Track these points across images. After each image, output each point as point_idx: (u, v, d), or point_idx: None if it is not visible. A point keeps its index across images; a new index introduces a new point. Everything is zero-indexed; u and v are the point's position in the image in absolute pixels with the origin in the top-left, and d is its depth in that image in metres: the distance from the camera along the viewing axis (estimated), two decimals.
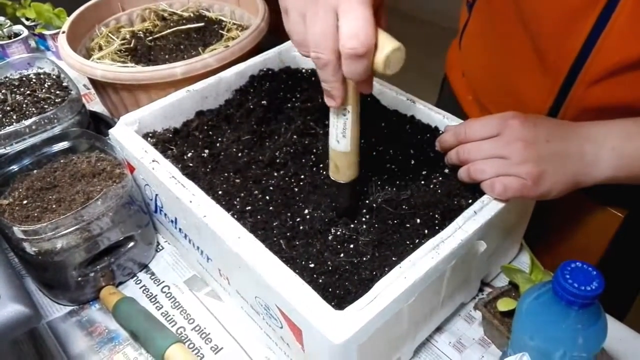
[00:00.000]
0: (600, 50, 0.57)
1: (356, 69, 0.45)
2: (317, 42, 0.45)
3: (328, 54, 0.45)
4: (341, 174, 0.57)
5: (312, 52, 0.46)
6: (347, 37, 0.43)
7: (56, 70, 0.85)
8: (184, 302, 0.68)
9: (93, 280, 0.66)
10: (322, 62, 0.46)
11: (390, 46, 0.45)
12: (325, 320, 0.47)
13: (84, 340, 0.64)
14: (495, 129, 0.57)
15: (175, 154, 0.68)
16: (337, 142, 0.54)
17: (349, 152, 0.55)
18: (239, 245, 0.53)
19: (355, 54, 0.44)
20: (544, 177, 0.55)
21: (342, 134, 0.53)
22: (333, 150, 0.55)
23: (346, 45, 0.43)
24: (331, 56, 0.45)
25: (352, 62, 0.44)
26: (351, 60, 0.44)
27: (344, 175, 0.57)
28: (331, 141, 0.55)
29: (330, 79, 0.47)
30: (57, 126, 0.74)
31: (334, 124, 0.53)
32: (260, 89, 0.77)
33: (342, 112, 0.52)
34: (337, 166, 0.56)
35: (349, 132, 0.53)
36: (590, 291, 0.42)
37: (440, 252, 0.52)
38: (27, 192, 0.65)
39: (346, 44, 0.43)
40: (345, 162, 0.56)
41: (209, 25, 0.99)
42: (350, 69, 0.45)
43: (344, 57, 0.44)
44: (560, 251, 0.76)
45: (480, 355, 0.61)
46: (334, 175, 0.58)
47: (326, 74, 0.47)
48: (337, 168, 0.56)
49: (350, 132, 0.53)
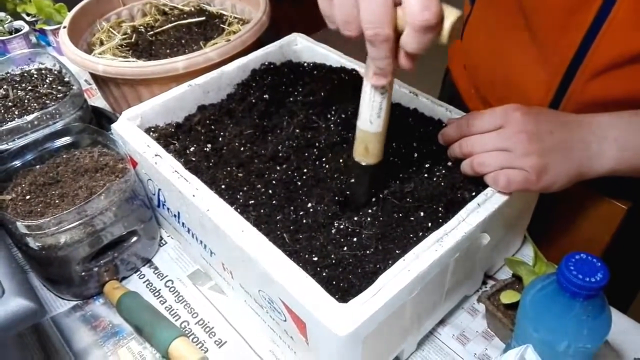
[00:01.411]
0: (600, 43, 0.57)
1: (424, 41, 0.44)
2: (375, 17, 0.44)
3: (388, 29, 0.44)
4: (370, 156, 0.57)
5: (369, 29, 0.44)
6: (419, 9, 0.42)
7: (57, 66, 0.85)
8: (188, 296, 0.68)
9: (97, 275, 0.66)
10: (381, 38, 0.44)
11: (454, 14, 0.44)
12: (329, 313, 0.47)
13: (88, 335, 0.64)
14: (498, 122, 0.57)
15: (178, 148, 0.68)
16: (370, 123, 0.54)
17: (380, 132, 0.55)
18: (242, 239, 0.53)
19: (429, 26, 0.42)
20: (547, 170, 0.55)
21: (378, 114, 0.53)
22: (365, 131, 0.55)
23: (418, 17, 0.42)
24: (391, 31, 0.44)
25: (422, 34, 0.43)
26: (422, 32, 0.43)
27: (374, 157, 0.57)
28: (362, 123, 0.55)
29: (387, 55, 0.46)
30: (59, 121, 0.74)
31: (369, 105, 0.53)
32: (262, 83, 0.77)
33: (381, 91, 0.51)
34: (367, 148, 0.56)
35: (384, 111, 0.53)
36: (595, 282, 0.42)
37: (443, 244, 0.52)
38: (30, 187, 0.65)
39: (418, 16, 0.42)
40: (377, 142, 0.56)
41: (210, 19, 0.98)
42: (419, 41, 0.44)
43: (414, 29, 0.43)
44: (564, 243, 0.76)
45: (483, 347, 0.61)
46: (362, 158, 0.57)
47: (383, 51, 0.46)
48: (367, 150, 0.56)
49: (384, 112, 0.53)
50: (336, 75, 0.78)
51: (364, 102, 0.53)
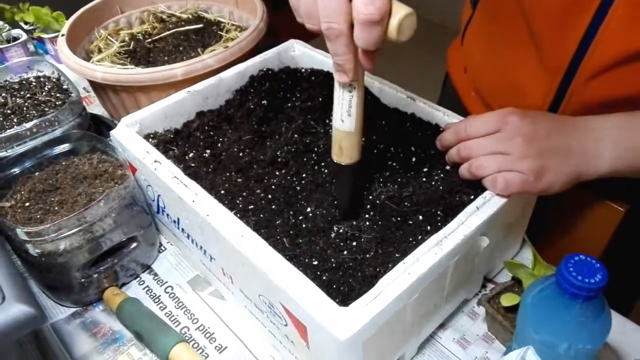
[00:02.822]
0: (598, 43, 0.57)
1: (371, 37, 0.44)
2: (329, 12, 0.44)
3: (341, 24, 0.44)
4: (345, 156, 0.56)
5: (323, 23, 0.45)
6: (362, 3, 0.43)
7: (56, 73, 0.85)
8: (188, 302, 0.68)
9: (96, 282, 0.66)
10: (335, 32, 0.45)
11: (403, 11, 0.44)
12: (330, 316, 0.47)
13: (88, 342, 0.64)
14: (495, 125, 0.58)
15: (177, 154, 0.68)
16: (342, 122, 0.54)
17: (353, 132, 0.54)
18: (242, 244, 0.54)
19: (371, 20, 0.43)
20: (545, 172, 0.55)
21: (348, 113, 0.53)
22: (337, 130, 0.55)
23: (362, 11, 0.43)
24: (344, 25, 0.44)
25: (367, 29, 0.44)
26: (366, 27, 0.43)
27: (348, 157, 0.56)
28: (335, 122, 0.54)
29: (343, 51, 0.46)
30: (57, 129, 0.74)
31: (339, 103, 0.53)
32: (260, 89, 0.77)
33: (348, 89, 0.51)
34: (342, 147, 0.56)
35: (355, 110, 0.53)
36: (594, 284, 0.42)
37: (443, 248, 0.52)
38: (29, 194, 0.65)
39: (362, 10, 0.43)
40: (350, 142, 0.55)
41: (207, 26, 0.99)
42: (365, 36, 0.44)
43: (358, 24, 0.44)
44: (562, 246, 0.77)
45: (484, 351, 0.61)
46: (338, 158, 0.57)
47: (339, 46, 0.46)
48: (342, 149, 0.56)
49: (355, 110, 0.53)
50: (333, 80, 0.78)
51: (335, 100, 0.53)
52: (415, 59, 2.60)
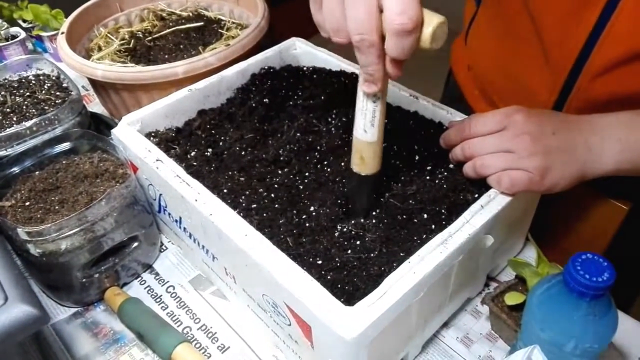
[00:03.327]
0: (604, 41, 0.57)
1: (404, 46, 0.44)
2: (360, 24, 0.44)
3: (374, 35, 0.44)
4: (366, 166, 0.56)
5: (355, 35, 0.45)
6: (395, 13, 0.42)
7: (55, 72, 0.85)
8: (190, 301, 0.67)
9: (97, 282, 0.66)
10: (367, 43, 0.45)
11: (436, 20, 0.44)
12: (336, 316, 0.46)
13: (89, 342, 0.64)
14: (500, 124, 0.57)
15: (179, 153, 0.68)
16: (365, 132, 0.53)
17: (375, 142, 0.54)
18: (246, 243, 0.53)
19: (405, 30, 0.43)
20: (551, 170, 0.55)
21: (371, 123, 0.52)
22: (359, 140, 0.54)
23: (395, 21, 0.43)
24: (376, 36, 0.44)
25: (401, 39, 0.43)
26: (400, 37, 0.43)
27: (370, 167, 0.56)
28: (357, 132, 0.54)
29: (375, 62, 0.46)
30: (58, 127, 0.73)
31: (362, 113, 0.52)
32: (262, 87, 0.77)
33: (372, 99, 0.51)
34: (363, 157, 0.55)
35: (378, 120, 0.52)
36: (602, 282, 0.42)
37: (448, 246, 0.52)
38: (29, 193, 0.64)
39: (395, 20, 0.43)
40: (372, 152, 0.55)
41: (208, 24, 0.98)
42: (399, 46, 0.44)
43: (392, 34, 0.43)
44: (565, 244, 0.77)
45: (487, 349, 0.61)
46: (359, 168, 0.56)
47: (371, 57, 0.46)
48: (363, 159, 0.55)
49: (378, 121, 0.52)
50: (336, 78, 0.78)
51: (358, 110, 0.53)
52: (418, 56, 2.59)
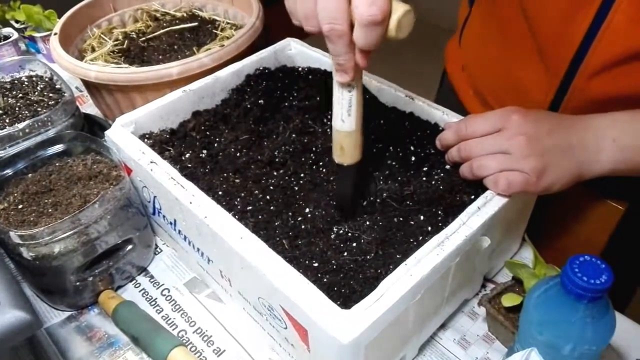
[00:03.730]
0: (600, 41, 0.57)
1: (372, 37, 0.44)
2: (330, 13, 0.44)
3: (344, 24, 0.44)
4: (347, 156, 0.56)
5: (325, 24, 0.45)
6: (365, 4, 0.42)
7: (48, 73, 0.84)
8: (185, 304, 0.67)
9: (91, 285, 0.65)
10: (337, 33, 0.45)
11: (401, 9, 0.44)
12: (332, 319, 0.46)
13: (83, 346, 0.63)
14: (496, 125, 0.57)
15: (173, 155, 0.67)
16: (342, 122, 0.53)
17: (354, 131, 0.54)
18: (241, 246, 0.53)
19: (375, 21, 0.43)
20: (547, 171, 0.55)
21: (348, 112, 0.53)
22: (338, 131, 0.55)
23: (364, 12, 0.42)
24: (346, 26, 0.44)
25: (370, 30, 0.43)
26: (369, 28, 0.43)
27: (350, 157, 0.56)
28: (335, 122, 0.54)
29: (345, 51, 0.46)
30: (51, 129, 0.73)
31: (338, 103, 0.53)
32: (257, 88, 0.77)
33: (347, 89, 0.51)
34: (343, 147, 0.55)
35: (354, 109, 0.52)
36: (600, 284, 0.42)
37: (445, 248, 0.51)
38: (22, 196, 0.64)
39: (364, 11, 0.42)
40: (351, 141, 0.55)
41: (202, 25, 0.98)
42: (367, 36, 0.44)
43: (361, 25, 0.43)
44: (561, 245, 0.76)
45: (485, 351, 0.61)
46: (340, 159, 0.57)
47: (341, 46, 0.46)
48: (343, 149, 0.56)
49: (355, 110, 0.52)
50: (331, 79, 0.77)
51: (334, 100, 0.53)
52: (413, 57, 2.60)
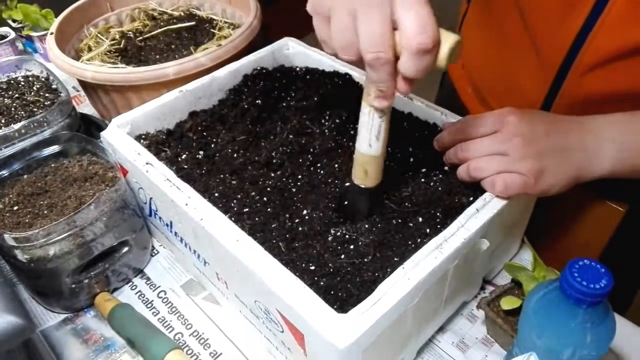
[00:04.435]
0: (594, 38, 0.56)
1: (422, 65, 0.43)
2: (374, 41, 0.43)
3: (389, 52, 0.43)
4: (370, 179, 0.56)
5: (369, 53, 0.44)
6: (414, 32, 0.41)
7: (45, 73, 0.83)
8: (181, 307, 0.66)
9: (87, 287, 0.64)
10: (382, 61, 0.44)
11: (452, 38, 0.43)
12: (329, 324, 0.45)
13: (79, 349, 0.63)
14: (493, 126, 0.57)
15: (169, 155, 0.67)
16: (370, 146, 0.53)
17: (379, 156, 0.54)
18: (237, 249, 0.52)
19: (425, 49, 0.42)
20: (545, 173, 0.54)
21: (377, 137, 0.52)
22: (364, 155, 0.54)
23: (414, 40, 0.42)
24: (392, 54, 0.43)
25: (420, 58, 0.43)
26: (419, 56, 0.42)
27: (373, 180, 0.56)
28: (361, 146, 0.53)
29: (389, 78, 0.45)
30: (47, 129, 0.72)
31: (367, 128, 0.52)
32: (254, 88, 0.76)
33: (379, 114, 0.50)
34: (367, 171, 0.55)
35: (383, 134, 0.52)
36: (600, 289, 0.41)
37: (443, 251, 0.51)
38: (17, 197, 0.63)
39: (414, 39, 0.41)
40: (376, 166, 0.55)
41: (200, 24, 0.97)
42: (417, 65, 0.43)
43: (410, 53, 0.42)
44: (561, 247, 0.76)
45: (483, 354, 0.61)
46: (362, 181, 0.56)
47: (384, 74, 0.45)
48: (366, 173, 0.55)
49: (383, 135, 0.52)
50: (329, 79, 0.77)
51: (362, 125, 0.52)
52: None
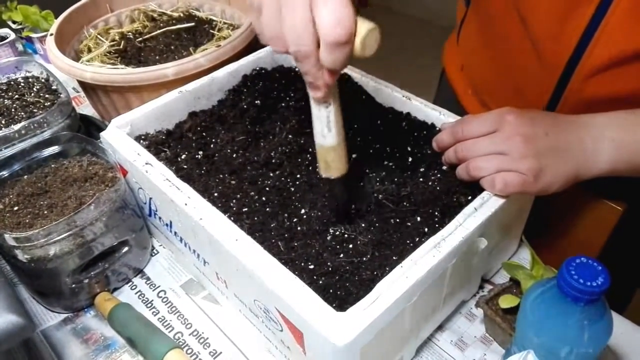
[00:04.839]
0: (597, 42, 0.57)
1: (340, 57, 0.43)
2: (296, 34, 0.43)
3: (310, 45, 0.43)
4: (333, 169, 0.55)
5: (291, 45, 0.44)
6: (330, 25, 0.42)
7: (45, 74, 0.84)
8: (181, 306, 0.67)
9: (87, 287, 0.65)
10: (303, 54, 0.44)
11: (365, 28, 0.43)
12: (328, 322, 0.46)
13: (79, 349, 0.63)
14: (492, 125, 0.57)
15: (169, 156, 0.67)
16: (324, 137, 0.53)
17: (336, 145, 0.53)
18: (236, 248, 0.52)
19: (340, 42, 0.42)
20: (544, 172, 0.54)
21: (327, 128, 0.52)
22: (321, 146, 0.54)
23: (329, 33, 0.42)
24: (313, 46, 0.44)
25: (336, 50, 0.43)
26: (335, 48, 0.43)
27: (336, 170, 0.55)
28: (317, 138, 0.53)
29: (314, 70, 0.46)
30: (47, 130, 0.72)
31: (318, 119, 0.52)
32: (254, 88, 0.76)
33: (324, 105, 0.50)
34: (327, 162, 0.55)
35: (334, 123, 0.52)
36: (597, 287, 0.41)
37: (441, 250, 0.51)
38: (17, 198, 0.63)
39: (330, 32, 0.42)
40: (335, 156, 0.54)
41: (199, 25, 0.97)
42: (334, 57, 0.43)
43: (327, 46, 0.43)
44: (560, 246, 0.76)
45: (482, 353, 0.61)
46: (326, 172, 0.56)
47: (309, 66, 0.45)
48: (327, 164, 0.55)
49: (335, 124, 0.52)
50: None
51: (314, 118, 0.52)
52: (411, 56, 2.60)
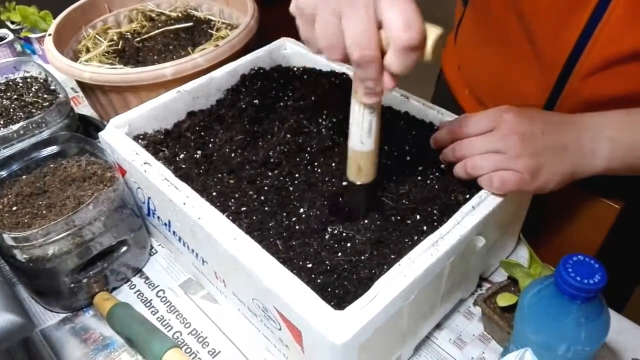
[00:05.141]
0: (596, 42, 0.57)
1: (409, 62, 0.43)
2: (361, 39, 0.43)
3: (375, 50, 0.43)
4: (364, 175, 0.55)
5: (355, 51, 0.44)
6: (401, 29, 0.41)
7: (43, 74, 0.84)
8: (180, 306, 0.67)
9: (86, 287, 0.65)
10: (368, 59, 0.44)
11: (435, 32, 0.43)
12: (326, 320, 0.46)
13: (78, 348, 0.63)
14: (490, 124, 0.57)
15: (167, 155, 0.67)
16: (362, 143, 0.53)
17: (372, 151, 0.53)
18: (235, 247, 0.53)
19: (412, 46, 0.42)
20: (541, 170, 0.54)
21: (368, 134, 0.52)
22: (356, 151, 0.54)
23: (402, 37, 0.41)
24: (378, 52, 0.43)
25: (407, 55, 0.42)
26: (406, 52, 0.42)
27: (368, 176, 0.56)
28: (353, 143, 0.53)
29: (376, 76, 0.45)
30: (45, 130, 0.73)
31: (358, 125, 0.52)
32: (252, 88, 0.76)
33: (369, 110, 0.50)
34: (360, 167, 0.55)
35: (374, 130, 0.52)
36: (594, 284, 0.41)
37: (439, 248, 0.51)
38: (16, 198, 0.63)
39: (402, 36, 0.41)
40: (369, 161, 0.54)
41: (197, 25, 0.97)
42: (403, 62, 0.43)
43: (397, 50, 0.42)
44: (558, 244, 0.76)
45: (480, 351, 0.61)
46: (356, 178, 0.56)
47: (372, 72, 0.45)
48: (360, 169, 0.55)
49: (375, 130, 0.52)
50: (326, 79, 0.77)
51: (353, 122, 0.52)
52: None
